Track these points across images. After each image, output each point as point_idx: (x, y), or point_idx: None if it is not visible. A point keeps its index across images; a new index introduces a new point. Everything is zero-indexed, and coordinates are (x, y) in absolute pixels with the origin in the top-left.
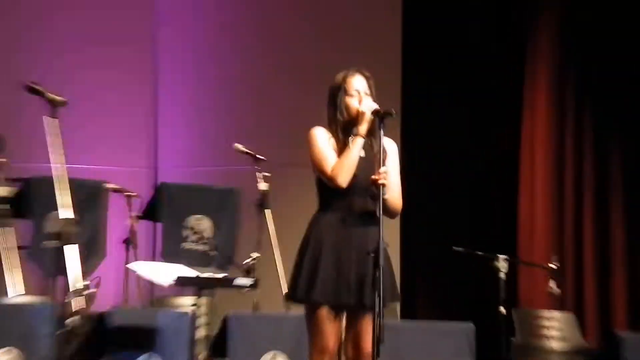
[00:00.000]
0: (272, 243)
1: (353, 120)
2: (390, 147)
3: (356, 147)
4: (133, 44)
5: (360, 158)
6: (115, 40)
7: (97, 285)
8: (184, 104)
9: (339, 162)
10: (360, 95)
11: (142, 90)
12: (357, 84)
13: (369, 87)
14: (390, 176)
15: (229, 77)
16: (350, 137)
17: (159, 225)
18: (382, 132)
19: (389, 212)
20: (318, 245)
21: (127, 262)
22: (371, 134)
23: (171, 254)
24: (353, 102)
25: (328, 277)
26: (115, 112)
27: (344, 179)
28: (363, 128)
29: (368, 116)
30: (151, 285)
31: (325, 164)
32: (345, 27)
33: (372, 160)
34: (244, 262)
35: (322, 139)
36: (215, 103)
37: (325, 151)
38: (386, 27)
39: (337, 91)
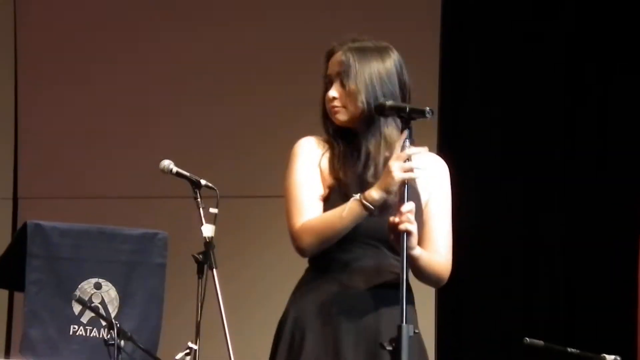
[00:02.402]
0: (223, 325)
1: (341, 126)
2: (437, 169)
3: (350, 218)
4: None
5: None
6: None
7: None
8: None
9: (315, 223)
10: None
11: None
12: (332, 66)
13: (344, 69)
14: (434, 219)
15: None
16: (353, 195)
17: (20, 297)
18: (407, 143)
19: (425, 277)
20: (297, 328)
21: None
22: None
23: (43, 347)
24: (325, 99)
25: None
26: None
27: (308, 247)
28: (378, 191)
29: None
30: None
31: (295, 209)
32: None
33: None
34: (174, 359)
35: (306, 162)
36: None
37: (301, 186)
38: None
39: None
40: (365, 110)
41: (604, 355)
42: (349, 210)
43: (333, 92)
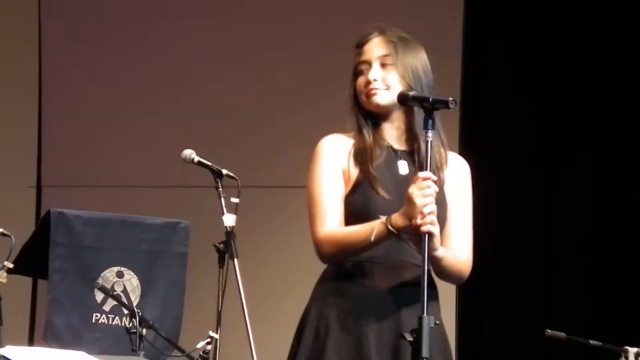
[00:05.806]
0: (244, 313)
1: (375, 116)
2: (458, 169)
3: (377, 240)
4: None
5: (401, 178)
6: None
7: None
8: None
9: (340, 237)
10: (366, 76)
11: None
12: (370, 51)
13: (390, 51)
14: (454, 217)
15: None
16: (380, 219)
17: (43, 285)
18: (429, 137)
19: (447, 276)
20: (322, 324)
21: None
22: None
23: (67, 334)
24: (360, 84)
25: None
26: None
27: (330, 257)
28: (403, 218)
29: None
30: None
31: (319, 215)
32: None
33: None
34: (195, 348)
35: (328, 163)
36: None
37: (324, 190)
38: None
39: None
40: (409, 88)
41: (627, 347)
42: (376, 234)
43: (374, 74)
